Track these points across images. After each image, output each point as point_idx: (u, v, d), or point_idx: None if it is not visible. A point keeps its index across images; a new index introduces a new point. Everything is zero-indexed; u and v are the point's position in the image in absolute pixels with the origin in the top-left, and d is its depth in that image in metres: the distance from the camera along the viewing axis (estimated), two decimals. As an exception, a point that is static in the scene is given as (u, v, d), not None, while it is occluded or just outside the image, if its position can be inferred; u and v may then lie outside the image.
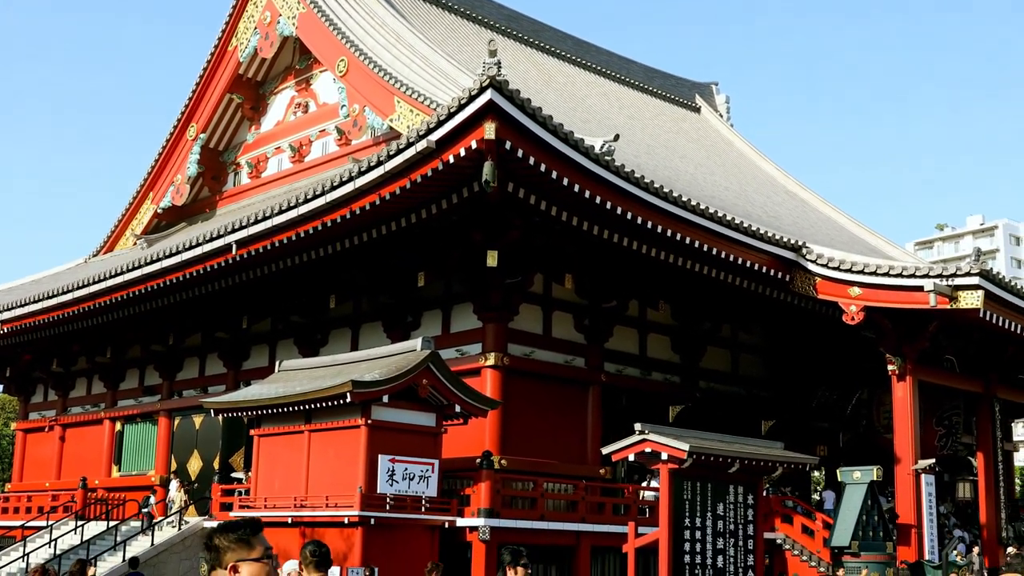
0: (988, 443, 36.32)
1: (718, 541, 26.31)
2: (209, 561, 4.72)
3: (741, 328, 39.90)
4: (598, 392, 32.95)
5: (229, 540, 4.84)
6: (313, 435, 27.23)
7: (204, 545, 4.84)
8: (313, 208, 27.86)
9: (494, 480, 28.43)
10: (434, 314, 32.78)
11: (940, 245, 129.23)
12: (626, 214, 27.13)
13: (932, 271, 29.99)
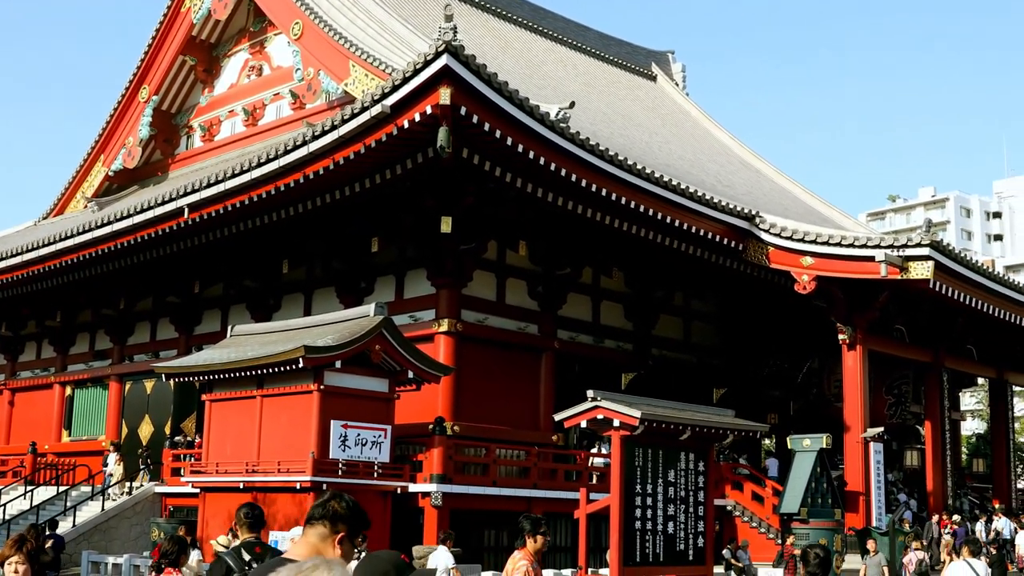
0: (936, 412, 36.74)
1: (669, 507, 26.47)
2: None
3: (694, 296, 40.07)
4: (551, 359, 33.02)
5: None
6: (265, 400, 27.12)
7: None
8: (266, 172, 27.66)
9: (447, 446, 28.46)
10: (387, 280, 32.69)
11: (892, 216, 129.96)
12: (580, 181, 27.12)
13: (883, 242, 30.21)
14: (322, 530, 4.85)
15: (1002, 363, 40.87)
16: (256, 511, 8.95)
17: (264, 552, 9.00)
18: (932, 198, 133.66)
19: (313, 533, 4.80)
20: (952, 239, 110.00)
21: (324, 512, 4.86)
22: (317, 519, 4.89)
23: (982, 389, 53.31)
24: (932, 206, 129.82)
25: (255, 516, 8.87)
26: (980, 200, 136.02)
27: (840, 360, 33.10)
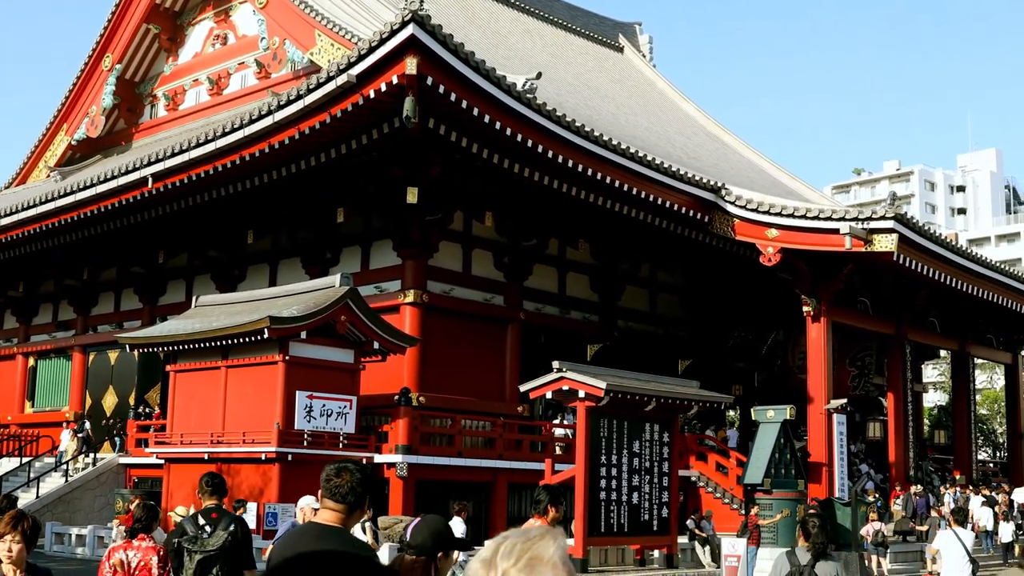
0: (899, 384, 36.99)
1: (634, 478, 26.59)
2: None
3: (660, 268, 40.16)
4: (517, 330, 33.05)
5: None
6: (230, 371, 27.03)
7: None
8: (231, 142, 27.49)
9: (412, 417, 28.47)
10: (353, 251, 32.60)
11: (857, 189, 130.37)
12: (547, 152, 27.09)
13: (848, 214, 30.33)
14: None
15: (964, 336, 41.19)
16: (216, 479, 9.40)
17: (220, 518, 9.21)
18: (897, 171, 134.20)
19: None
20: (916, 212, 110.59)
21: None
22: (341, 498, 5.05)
23: (944, 361, 53.75)
24: (897, 179, 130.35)
25: (215, 484, 9.33)
26: (944, 174, 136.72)
27: (804, 332, 33.26)
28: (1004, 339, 44.37)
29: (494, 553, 2.80)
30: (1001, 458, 55.18)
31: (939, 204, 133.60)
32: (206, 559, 8.93)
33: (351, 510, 5.04)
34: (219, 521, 9.16)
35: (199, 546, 8.98)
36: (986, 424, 63.94)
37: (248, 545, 9.45)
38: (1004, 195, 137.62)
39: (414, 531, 4.80)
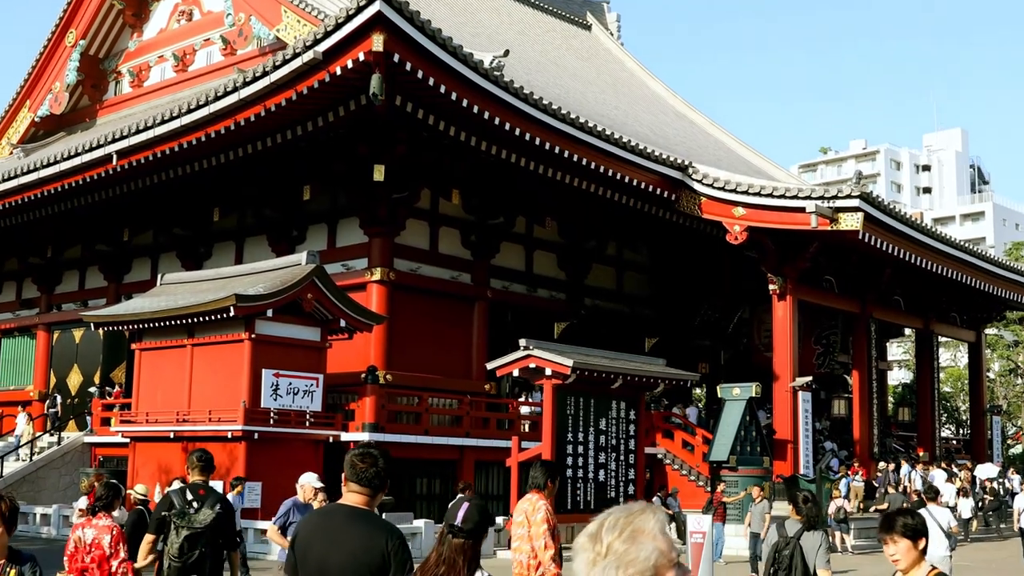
0: (864, 362, 37.25)
1: (600, 455, 26.72)
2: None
3: (627, 246, 40.22)
4: (484, 308, 33.05)
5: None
6: (196, 349, 26.93)
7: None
8: (196, 119, 27.33)
9: (379, 395, 28.45)
10: (320, 228, 32.50)
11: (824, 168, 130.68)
12: (514, 130, 27.07)
13: (814, 193, 30.48)
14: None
15: (929, 314, 41.48)
16: (207, 456, 9.49)
17: (207, 495, 9.24)
18: (863, 151, 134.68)
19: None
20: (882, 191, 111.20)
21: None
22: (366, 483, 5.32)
23: (909, 340, 54.14)
24: (863, 158, 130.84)
25: (206, 460, 9.42)
26: (910, 153, 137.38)
27: (770, 310, 33.42)
28: (968, 317, 44.72)
29: (599, 527, 3.00)
30: (964, 435, 55.63)
31: (905, 183, 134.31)
32: (193, 535, 8.95)
33: (375, 492, 5.26)
34: (206, 498, 9.18)
35: (186, 522, 9.00)
36: (950, 402, 64.44)
37: (233, 524, 9.54)
38: (969, 174, 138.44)
39: (467, 516, 5.02)
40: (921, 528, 5.07)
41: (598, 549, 2.98)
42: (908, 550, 4.97)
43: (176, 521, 9.03)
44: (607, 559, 2.95)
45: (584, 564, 2.98)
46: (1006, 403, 65.10)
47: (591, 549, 2.99)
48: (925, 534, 5.09)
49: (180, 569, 8.94)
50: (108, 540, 9.16)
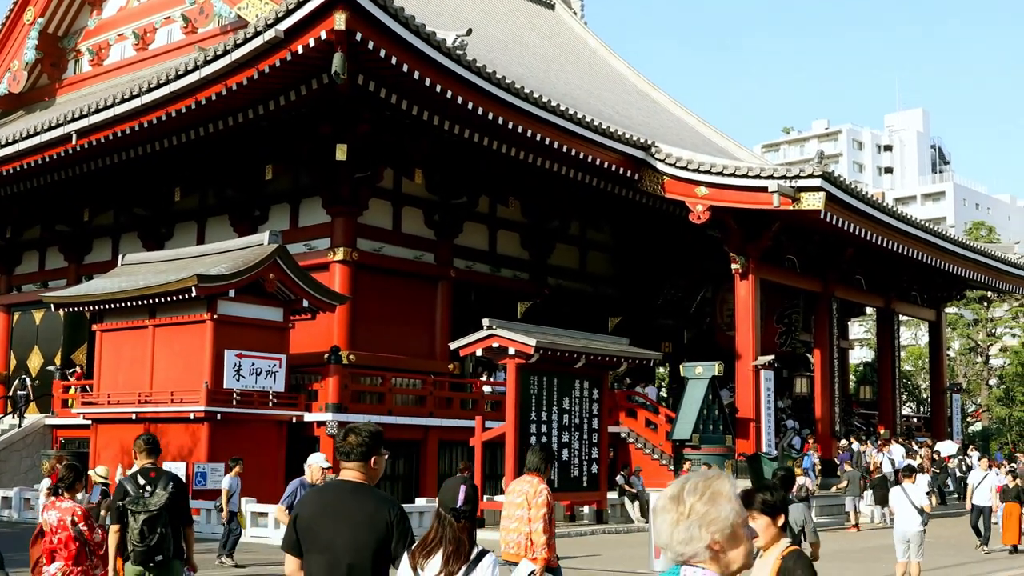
0: (825, 341, 37.48)
1: (564, 435, 26.75)
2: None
3: (590, 226, 40.28)
4: (447, 288, 33.02)
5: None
6: (158, 330, 26.80)
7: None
8: (157, 98, 27.13)
9: (342, 375, 28.39)
10: (282, 208, 32.35)
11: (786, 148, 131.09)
12: (477, 109, 27.02)
13: (777, 172, 30.58)
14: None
15: (890, 293, 41.77)
16: (153, 439, 9.66)
17: (159, 476, 9.35)
18: (825, 131, 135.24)
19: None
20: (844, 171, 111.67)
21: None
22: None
23: (870, 318, 54.58)
24: (825, 138, 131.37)
25: (152, 443, 9.58)
26: (872, 133, 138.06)
27: (732, 289, 33.57)
28: (928, 296, 45.06)
29: (681, 490, 3.34)
30: (925, 413, 56.12)
31: (867, 163, 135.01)
32: (151, 518, 9.03)
33: (365, 463, 5.52)
34: (158, 480, 9.28)
35: (143, 506, 9.08)
36: (910, 380, 65.00)
37: (186, 501, 9.65)
38: (930, 154, 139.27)
39: (467, 498, 5.34)
40: (780, 505, 5.07)
41: (681, 510, 3.32)
42: (767, 527, 4.99)
43: (132, 507, 9.10)
44: (690, 519, 3.29)
45: (668, 524, 3.31)
46: (966, 381, 65.72)
47: (674, 510, 3.32)
48: (783, 511, 5.08)
49: (144, 552, 9.05)
50: (71, 520, 9.25)
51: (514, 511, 9.85)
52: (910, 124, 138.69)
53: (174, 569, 9.34)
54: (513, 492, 10.08)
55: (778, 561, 4.95)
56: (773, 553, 5.01)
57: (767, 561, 5.03)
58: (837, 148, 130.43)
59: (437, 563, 5.23)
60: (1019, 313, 70.09)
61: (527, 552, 9.82)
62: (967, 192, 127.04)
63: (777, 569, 4.93)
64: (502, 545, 10.02)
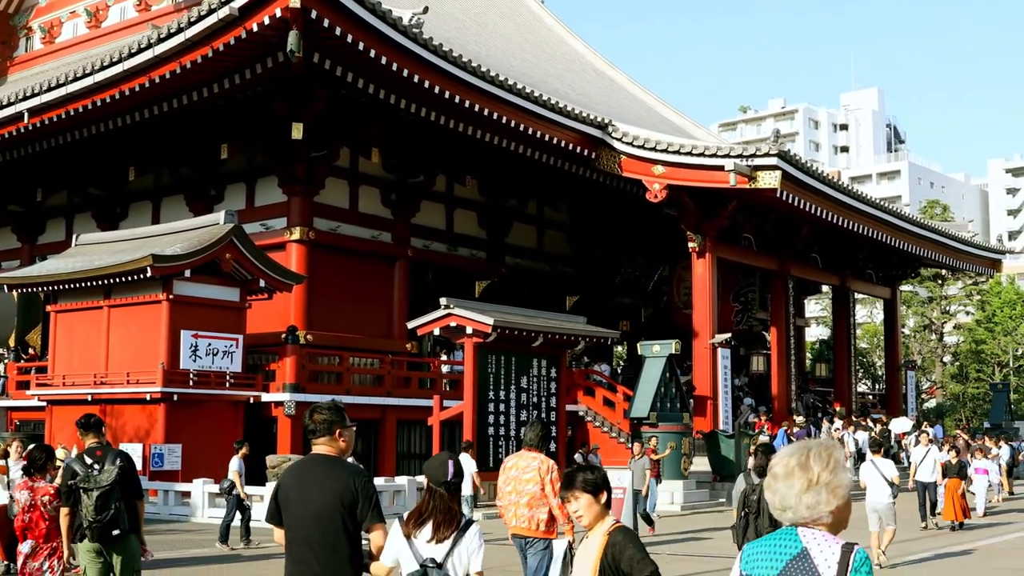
0: (781, 319, 37.71)
1: (521, 413, 26.83)
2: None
3: (548, 205, 40.29)
4: (405, 267, 32.94)
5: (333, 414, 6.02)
6: (113, 310, 26.58)
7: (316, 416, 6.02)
8: (110, 76, 26.84)
9: (299, 355, 28.31)
10: (238, 187, 32.15)
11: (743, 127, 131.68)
12: (434, 88, 26.93)
13: (733, 151, 30.71)
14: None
15: (845, 271, 42.06)
16: (92, 418, 9.65)
17: (105, 453, 9.34)
18: (782, 110, 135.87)
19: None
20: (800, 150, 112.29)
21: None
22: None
23: (826, 296, 54.85)
24: (782, 117, 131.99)
25: (93, 422, 9.57)
26: (828, 112, 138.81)
27: (689, 268, 33.71)
28: (883, 274, 45.41)
29: (806, 459, 3.67)
30: (880, 390, 56.60)
31: (823, 142, 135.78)
32: (103, 494, 9.04)
33: (331, 436, 5.96)
34: (105, 457, 9.27)
35: (93, 483, 9.07)
36: (866, 357, 65.55)
37: (136, 475, 9.66)
38: (885, 133, 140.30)
39: (456, 471, 5.80)
40: (601, 483, 5.06)
41: (810, 477, 3.63)
42: (589, 505, 5.00)
43: (84, 485, 9.09)
44: (818, 485, 3.62)
45: (797, 490, 3.63)
46: (920, 358, 66.31)
47: (803, 477, 3.64)
48: (606, 488, 5.07)
49: (100, 527, 9.06)
50: (47, 500, 9.48)
51: (524, 487, 9.98)
52: (865, 103, 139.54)
53: (132, 544, 9.36)
54: (517, 468, 10.17)
55: (605, 537, 4.95)
56: (599, 530, 5.02)
57: (593, 538, 5.04)
58: (793, 127, 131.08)
59: (428, 531, 5.64)
60: (973, 291, 70.79)
61: (540, 527, 10.01)
62: (922, 171, 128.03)
63: (605, 545, 4.93)
64: (513, 520, 10.14)
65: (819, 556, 3.55)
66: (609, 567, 4.95)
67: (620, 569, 4.94)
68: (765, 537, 3.71)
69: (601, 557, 4.95)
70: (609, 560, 4.95)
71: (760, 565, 3.65)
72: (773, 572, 3.60)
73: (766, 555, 3.65)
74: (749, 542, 3.78)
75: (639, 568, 4.93)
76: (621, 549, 4.95)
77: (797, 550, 3.59)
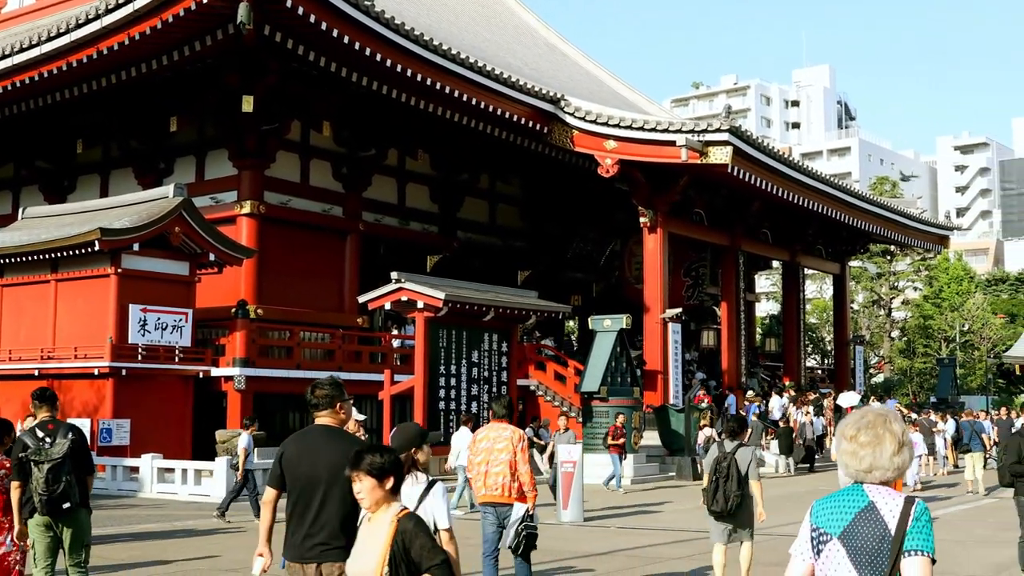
0: (732, 294, 37.94)
1: (472, 387, 26.88)
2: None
3: (500, 179, 40.27)
4: (356, 241, 32.83)
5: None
6: (60, 285, 26.33)
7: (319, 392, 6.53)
8: (57, 47, 26.51)
9: (249, 330, 28.18)
10: (188, 160, 31.88)
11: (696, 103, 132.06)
12: (386, 61, 26.80)
13: (685, 127, 30.79)
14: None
15: (795, 246, 42.32)
16: (47, 392, 9.67)
17: (57, 427, 9.31)
18: (734, 86, 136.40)
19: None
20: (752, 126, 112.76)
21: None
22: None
23: (776, 272, 55.22)
24: (734, 93, 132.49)
25: (46, 397, 9.57)
26: (780, 88, 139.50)
27: (641, 243, 33.82)
28: (833, 250, 45.75)
29: (893, 423, 4.04)
30: (829, 365, 57.12)
31: (774, 118, 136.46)
32: (53, 467, 9.02)
33: (331, 409, 6.50)
34: (57, 431, 9.26)
35: (45, 456, 9.06)
36: (815, 332, 66.07)
37: (87, 450, 9.63)
38: (836, 110, 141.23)
39: (392, 437, 6.81)
40: (388, 467, 5.00)
41: (899, 440, 4.01)
42: (372, 488, 4.94)
43: (35, 458, 9.06)
44: (905, 446, 4.01)
45: (889, 453, 3.98)
46: (869, 333, 66.96)
47: (893, 441, 4.00)
48: (392, 473, 5.01)
49: (50, 500, 9.03)
50: (2, 474, 9.39)
51: (499, 455, 10.36)
52: (817, 80, 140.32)
53: (82, 518, 9.35)
54: (489, 439, 10.51)
55: (394, 524, 4.89)
56: (386, 516, 4.95)
57: (379, 523, 4.97)
58: (745, 103, 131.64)
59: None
60: (921, 267, 71.52)
61: (512, 494, 10.37)
62: (872, 147, 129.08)
63: (394, 532, 4.87)
64: (483, 489, 10.49)
65: (884, 508, 3.92)
66: (399, 555, 4.89)
67: (410, 558, 4.89)
68: (832, 494, 4.07)
69: (391, 544, 4.88)
70: (399, 547, 4.89)
71: (831, 518, 4.00)
72: (843, 523, 3.95)
73: (835, 509, 4.01)
74: (817, 500, 4.13)
75: (429, 557, 4.87)
76: (412, 537, 4.89)
77: (864, 503, 3.96)
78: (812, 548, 4.02)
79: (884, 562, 3.86)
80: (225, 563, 13.51)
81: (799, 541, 4.08)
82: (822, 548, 3.97)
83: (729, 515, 11.22)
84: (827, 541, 3.96)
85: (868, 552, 3.88)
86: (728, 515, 11.22)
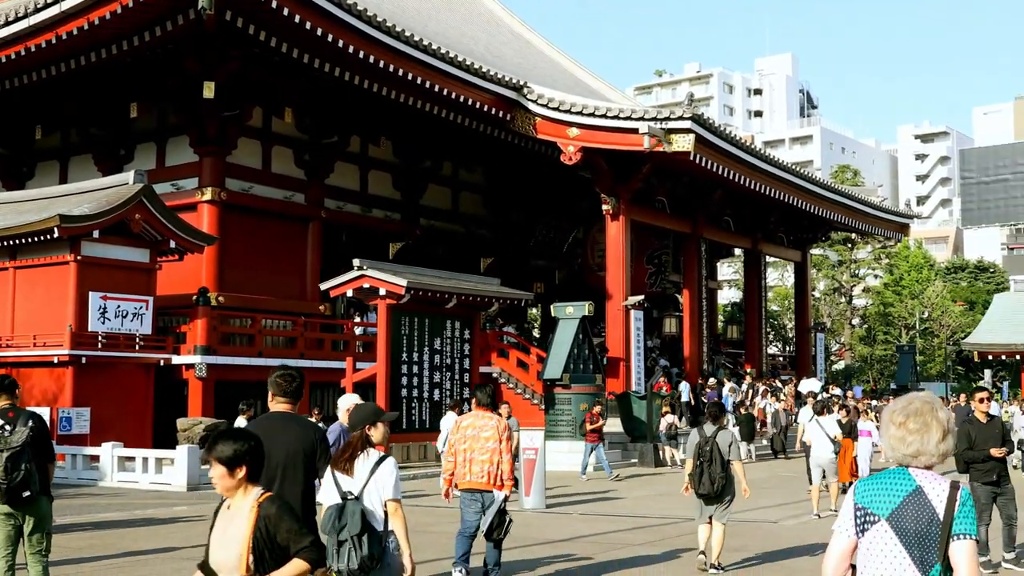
0: (694, 281, 38.08)
1: (435, 375, 26.86)
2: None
3: (463, 166, 40.22)
4: (318, 228, 32.72)
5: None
6: (19, 272, 26.08)
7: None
8: (15, 31, 26.24)
9: (211, 317, 28.03)
10: (148, 147, 31.66)
11: (659, 91, 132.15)
12: (348, 48, 26.69)
13: (647, 114, 30.85)
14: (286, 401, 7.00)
15: (757, 234, 42.54)
16: (6, 380, 9.59)
17: (17, 415, 9.30)
18: (697, 74, 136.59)
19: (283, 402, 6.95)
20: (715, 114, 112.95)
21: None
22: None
23: (738, 260, 55.50)
24: (697, 82, 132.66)
25: (6, 384, 9.48)
26: (743, 77, 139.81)
27: (604, 230, 33.89)
28: (795, 238, 46.00)
29: (932, 411, 4.20)
30: (790, 352, 57.45)
31: (737, 106, 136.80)
32: (14, 454, 8.98)
33: (295, 401, 6.96)
34: (17, 419, 9.23)
35: (4, 444, 9.02)
36: (777, 320, 66.46)
37: (48, 438, 9.59)
38: (798, 99, 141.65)
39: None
40: (238, 457, 4.84)
41: (945, 428, 4.20)
42: (222, 476, 4.82)
43: None
44: (950, 433, 4.21)
45: (936, 439, 4.17)
46: (830, 321, 67.41)
47: (939, 428, 4.20)
48: (242, 463, 4.85)
49: (9, 489, 8.99)
50: None
51: (484, 444, 10.64)
52: (779, 68, 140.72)
53: (42, 506, 9.30)
54: (474, 427, 10.77)
55: (255, 509, 4.76)
56: (244, 502, 4.83)
57: (239, 510, 4.84)
58: (708, 91, 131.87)
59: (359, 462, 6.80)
60: (881, 255, 72.02)
61: (496, 482, 10.64)
62: (834, 136, 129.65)
63: (255, 518, 4.74)
64: (468, 475, 10.72)
65: (932, 492, 4.09)
66: (263, 540, 4.75)
67: (276, 543, 4.75)
68: (876, 475, 4.24)
69: (253, 531, 4.75)
70: (262, 533, 4.75)
71: (878, 499, 4.17)
72: (892, 506, 4.12)
73: (883, 491, 4.17)
74: (860, 480, 4.35)
75: (296, 540, 4.75)
76: (276, 522, 4.76)
77: (912, 487, 4.13)
78: (856, 526, 4.19)
79: (932, 544, 4.05)
80: (185, 552, 13.46)
81: (842, 518, 4.25)
82: (868, 528, 4.16)
83: (716, 497, 11.92)
84: (875, 522, 4.14)
85: (916, 534, 4.07)
86: (715, 496, 11.92)
